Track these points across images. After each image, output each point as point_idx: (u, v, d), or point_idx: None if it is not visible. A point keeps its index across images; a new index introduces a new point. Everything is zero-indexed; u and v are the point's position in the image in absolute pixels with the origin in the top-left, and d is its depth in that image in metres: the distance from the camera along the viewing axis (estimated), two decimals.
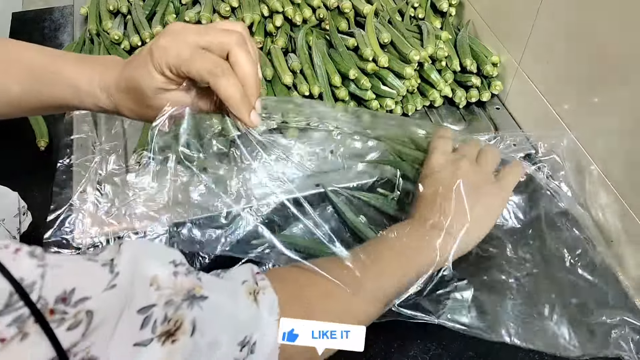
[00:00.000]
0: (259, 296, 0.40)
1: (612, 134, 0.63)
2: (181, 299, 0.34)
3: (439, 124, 0.78)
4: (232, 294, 0.39)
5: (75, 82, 0.50)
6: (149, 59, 0.45)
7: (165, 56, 0.44)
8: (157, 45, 0.45)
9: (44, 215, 0.68)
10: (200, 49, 0.45)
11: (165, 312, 0.32)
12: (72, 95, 0.51)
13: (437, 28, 0.88)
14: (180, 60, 0.44)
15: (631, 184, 0.61)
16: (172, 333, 0.32)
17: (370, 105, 0.80)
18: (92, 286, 0.29)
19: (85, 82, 0.50)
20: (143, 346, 0.31)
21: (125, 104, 0.50)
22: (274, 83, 0.78)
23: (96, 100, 0.50)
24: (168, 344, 0.32)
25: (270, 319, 0.40)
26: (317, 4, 0.87)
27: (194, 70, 0.44)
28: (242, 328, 0.38)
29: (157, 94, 0.47)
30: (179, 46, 0.44)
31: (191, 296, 0.34)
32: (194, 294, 0.35)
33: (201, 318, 0.34)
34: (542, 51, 0.73)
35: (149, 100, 0.47)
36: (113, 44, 0.85)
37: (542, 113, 0.74)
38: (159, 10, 0.88)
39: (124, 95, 0.49)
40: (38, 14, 1.05)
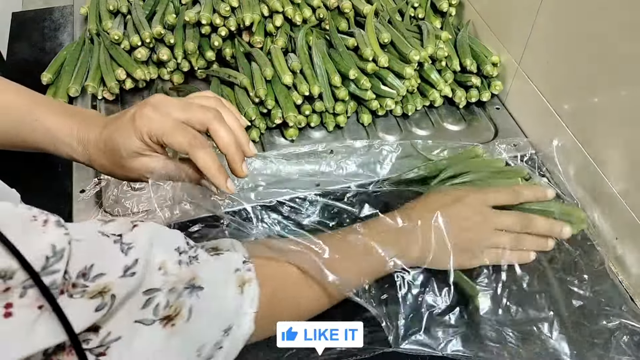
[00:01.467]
0: (245, 288, 0.44)
1: (612, 134, 0.63)
2: (183, 287, 0.38)
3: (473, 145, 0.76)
4: (224, 284, 0.43)
5: (54, 132, 0.52)
6: (132, 124, 0.49)
7: (148, 125, 0.48)
8: (142, 114, 0.48)
9: None
10: (180, 123, 0.49)
11: (168, 298, 0.36)
12: (49, 143, 0.53)
13: (437, 28, 0.88)
14: (162, 131, 0.48)
15: (631, 184, 0.61)
16: (172, 318, 0.36)
17: (370, 105, 0.80)
18: (109, 265, 0.32)
19: (64, 133, 0.52)
20: (144, 324, 0.34)
21: (99, 160, 0.53)
22: (274, 83, 0.78)
23: (72, 151, 0.53)
24: (168, 327, 0.36)
25: (249, 311, 0.44)
26: (317, 4, 0.87)
27: (176, 142, 0.48)
28: (228, 317, 0.42)
29: (132, 157, 0.50)
30: (162, 119, 0.48)
31: (191, 285, 0.39)
32: (193, 283, 0.39)
33: (197, 306, 0.38)
34: (542, 51, 0.73)
35: (123, 160, 0.50)
36: (113, 44, 0.85)
37: (542, 113, 0.74)
38: (159, 10, 0.88)
39: (99, 152, 0.52)
40: (38, 14, 1.05)
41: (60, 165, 0.75)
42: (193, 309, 0.38)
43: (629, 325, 0.56)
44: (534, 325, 0.57)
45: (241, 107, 0.76)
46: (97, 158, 0.52)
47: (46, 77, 0.81)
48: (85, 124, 0.53)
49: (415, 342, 0.55)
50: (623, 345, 0.55)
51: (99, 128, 0.52)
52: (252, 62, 0.81)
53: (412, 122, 0.82)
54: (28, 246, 0.28)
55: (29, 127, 0.53)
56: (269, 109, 0.76)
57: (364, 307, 0.54)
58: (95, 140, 0.52)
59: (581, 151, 0.68)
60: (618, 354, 0.55)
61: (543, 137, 0.74)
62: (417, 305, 0.57)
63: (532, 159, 0.72)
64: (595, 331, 0.56)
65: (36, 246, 0.28)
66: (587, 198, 0.68)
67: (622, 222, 0.63)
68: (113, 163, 0.52)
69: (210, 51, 0.84)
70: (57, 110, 0.54)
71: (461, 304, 0.58)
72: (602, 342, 0.56)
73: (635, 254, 0.62)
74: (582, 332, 0.56)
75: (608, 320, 0.57)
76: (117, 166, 0.52)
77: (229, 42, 0.86)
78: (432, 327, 0.56)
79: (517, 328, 0.57)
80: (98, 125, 0.52)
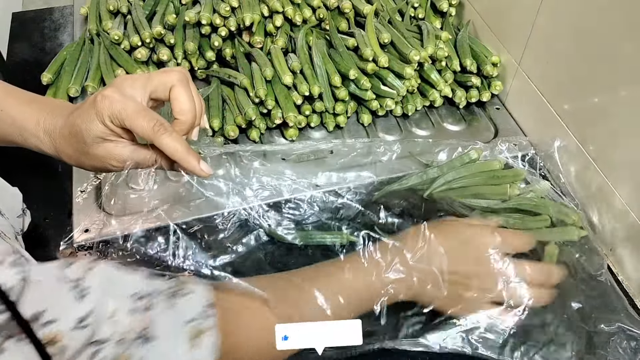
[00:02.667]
0: (202, 337, 0.40)
1: (613, 133, 0.63)
2: (133, 337, 0.36)
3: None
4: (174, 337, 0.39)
5: (21, 122, 0.51)
6: (93, 108, 0.47)
7: (109, 107, 0.46)
8: (103, 94, 0.46)
9: (43, 216, 0.68)
10: (144, 105, 0.47)
11: (116, 350, 0.34)
12: (17, 134, 0.52)
13: (437, 28, 0.88)
14: (124, 114, 0.46)
15: (632, 184, 0.61)
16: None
17: (370, 106, 0.80)
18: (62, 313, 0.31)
19: (31, 124, 0.51)
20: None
21: (65, 150, 0.51)
22: (274, 83, 0.78)
23: (39, 142, 0.52)
24: None
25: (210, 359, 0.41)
26: (317, 4, 0.87)
27: (138, 127, 0.46)
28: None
29: (95, 142, 0.48)
30: (124, 101, 0.46)
31: (142, 335, 0.36)
32: (145, 334, 0.37)
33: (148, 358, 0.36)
34: (542, 51, 0.73)
35: (87, 147, 0.49)
36: (113, 44, 0.85)
37: (542, 113, 0.74)
38: (159, 10, 0.88)
39: (65, 141, 0.50)
40: (38, 14, 1.05)
41: (60, 165, 0.75)
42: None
43: (627, 330, 0.56)
44: (533, 326, 0.57)
45: (241, 107, 0.76)
46: (63, 148, 0.51)
47: (46, 77, 0.81)
48: (52, 113, 0.51)
49: (413, 338, 0.55)
50: (620, 350, 0.55)
51: (64, 116, 0.50)
52: (252, 62, 0.81)
53: (412, 122, 0.82)
54: None
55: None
56: (269, 109, 0.76)
57: None
58: (61, 129, 0.50)
59: (581, 151, 0.68)
60: (615, 358, 0.55)
61: (543, 137, 0.74)
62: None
63: (533, 159, 0.71)
64: (593, 334, 0.56)
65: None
66: (587, 198, 0.68)
67: (622, 222, 0.63)
68: (78, 151, 0.50)
69: (210, 51, 0.84)
70: (24, 100, 0.53)
71: None
72: (600, 345, 0.56)
73: (635, 254, 0.62)
74: (581, 334, 0.56)
75: (607, 324, 0.57)
76: (82, 154, 0.50)
77: (229, 42, 0.86)
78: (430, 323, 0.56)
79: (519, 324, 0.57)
80: (64, 114, 0.51)
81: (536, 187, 0.64)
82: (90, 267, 0.36)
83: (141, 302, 0.38)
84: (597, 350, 0.55)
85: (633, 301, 0.62)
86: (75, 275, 0.35)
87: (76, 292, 0.33)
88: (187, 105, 0.48)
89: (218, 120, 0.76)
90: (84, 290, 0.34)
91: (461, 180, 0.65)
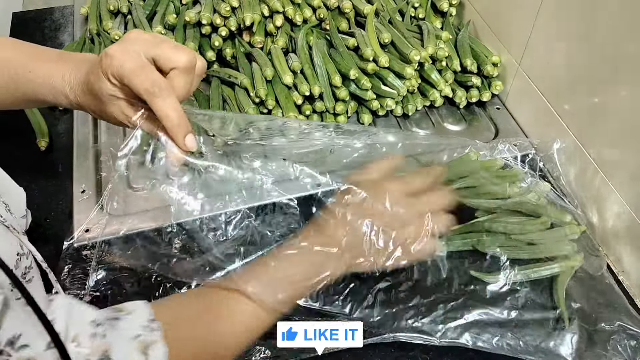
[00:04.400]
0: (149, 351, 0.41)
1: (613, 134, 0.63)
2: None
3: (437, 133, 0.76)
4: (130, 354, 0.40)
5: (49, 80, 0.51)
6: (99, 64, 0.46)
7: (110, 65, 0.45)
8: (106, 52, 0.45)
9: (44, 215, 0.68)
10: (146, 62, 0.45)
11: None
12: (48, 93, 0.52)
13: (437, 28, 0.88)
14: (122, 71, 0.44)
15: (631, 184, 0.61)
16: None
17: (371, 105, 0.80)
18: (34, 338, 0.32)
19: (57, 81, 0.50)
20: None
21: (89, 105, 0.51)
22: (274, 83, 0.78)
23: (67, 99, 0.51)
24: None
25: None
26: (317, 4, 0.87)
27: (133, 85, 0.44)
28: None
29: (111, 101, 0.47)
30: (123, 57, 0.44)
31: (105, 357, 0.37)
32: (107, 355, 0.38)
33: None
34: (542, 51, 0.73)
35: (103, 105, 0.48)
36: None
37: (542, 113, 0.74)
38: (159, 10, 0.88)
39: (86, 97, 0.50)
40: (38, 14, 1.05)
41: (61, 165, 0.75)
42: None
43: (627, 329, 0.56)
44: (534, 322, 0.57)
45: (241, 107, 0.76)
46: (87, 103, 0.50)
47: None
48: (76, 68, 0.50)
49: (413, 330, 0.55)
50: (620, 349, 0.55)
51: (86, 71, 0.49)
52: (253, 62, 0.81)
53: (412, 122, 0.82)
54: None
55: (25, 79, 0.51)
56: (270, 109, 0.76)
57: None
58: (82, 84, 0.49)
59: (582, 151, 0.68)
60: (616, 357, 0.55)
61: (543, 137, 0.74)
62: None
63: (533, 160, 0.71)
64: (593, 333, 0.57)
65: None
66: (587, 198, 0.68)
67: (622, 222, 0.63)
68: (98, 107, 0.49)
69: (210, 51, 0.84)
70: (51, 58, 0.52)
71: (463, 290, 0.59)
72: (601, 344, 0.56)
73: (635, 254, 0.62)
74: (581, 333, 0.56)
75: (607, 322, 0.57)
76: (101, 111, 0.49)
77: (230, 42, 0.86)
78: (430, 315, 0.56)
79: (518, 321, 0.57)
80: (87, 68, 0.49)
81: (536, 189, 0.64)
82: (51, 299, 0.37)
83: (99, 328, 0.39)
84: (597, 349, 0.55)
85: (633, 301, 0.62)
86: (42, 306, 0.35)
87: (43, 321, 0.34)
88: (179, 92, 0.46)
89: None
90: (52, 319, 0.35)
91: (464, 180, 0.65)
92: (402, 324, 0.56)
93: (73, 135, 0.77)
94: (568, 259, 0.60)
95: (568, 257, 0.60)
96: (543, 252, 0.61)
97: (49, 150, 0.77)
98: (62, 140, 0.79)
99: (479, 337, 0.55)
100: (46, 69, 0.51)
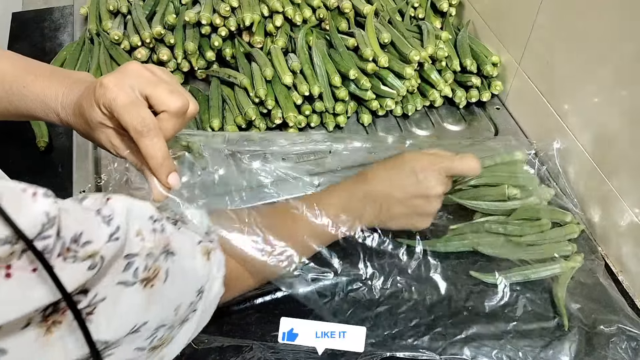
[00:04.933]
0: (211, 255, 0.46)
1: (612, 133, 0.63)
2: (159, 252, 0.40)
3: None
4: (192, 253, 0.45)
5: (42, 98, 0.52)
6: (93, 93, 0.46)
7: (103, 96, 0.46)
8: (101, 82, 0.46)
9: None
10: (138, 100, 0.46)
11: (146, 262, 0.38)
12: (40, 110, 0.53)
13: (437, 28, 0.88)
14: (113, 105, 0.45)
15: (631, 183, 0.61)
16: (150, 279, 0.38)
17: (371, 106, 0.80)
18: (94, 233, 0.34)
19: (50, 98, 0.52)
20: (126, 285, 0.36)
21: (79, 127, 0.52)
22: (274, 83, 0.78)
23: (58, 117, 0.52)
24: (148, 288, 0.38)
25: (218, 275, 0.47)
26: (317, 4, 0.87)
27: (123, 121, 0.45)
28: (199, 279, 0.44)
29: (99, 128, 0.48)
30: (118, 91, 0.45)
31: (166, 251, 0.41)
32: (167, 249, 0.41)
33: (173, 269, 0.40)
34: (542, 51, 0.73)
35: (92, 130, 0.49)
36: (113, 44, 0.85)
37: (542, 113, 0.74)
38: (159, 10, 0.88)
39: (77, 118, 0.51)
40: (38, 14, 1.05)
41: (61, 165, 0.75)
42: (169, 272, 0.40)
43: (627, 330, 0.56)
44: (532, 332, 0.57)
45: (241, 107, 0.76)
46: (77, 124, 0.51)
47: None
48: (70, 88, 0.51)
49: (413, 348, 0.55)
50: (620, 351, 0.55)
51: (79, 93, 0.50)
52: (252, 62, 0.81)
53: (412, 122, 0.82)
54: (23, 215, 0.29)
55: (19, 94, 0.52)
56: (269, 109, 0.76)
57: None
58: (74, 105, 0.50)
59: (581, 151, 0.68)
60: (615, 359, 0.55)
61: (543, 137, 0.74)
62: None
63: (533, 160, 0.71)
64: (593, 335, 0.57)
65: (31, 214, 0.30)
66: (587, 198, 0.68)
67: (622, 221, 0.63)
68: (86, 131, 0.50)
69: (210, 51, 0.84)
70: (46, 75, 0.53)
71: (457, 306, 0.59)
72: (600, 346, 0.56)
73: (635, 254, 0.62)
74: (580, 337, 0.56)
75: (606, 325, 0.57)
76: (89, 135, 0.51)
77: (229, 42, 0.86)
78: (430, 332, 0.56)
79: (518, 329, 0.57)
80: (80, 90, 0.50)
81: (539, 193, 0.64)
82: (107, 198, 0.39)
83: (157, 224, 0.41)
84: (597, 351, 0.55)
85: (633, 301, 0.62)
86: (95, 206, 0.37)
87: (101, 218, 0.36)
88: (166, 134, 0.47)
89: (218, 120, 0.76)
90: (108, 216, 0.36)
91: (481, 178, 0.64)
92: (402, 343, 0.56)
93: (73, 136, 0.77)
94: (568, 260, 0.60)
95: (568, 257, 0.60)
96: (543, 253, 0.61)
97: (48, 150, 0.77)
98: (62, 140, 0.79)
99: (479, 350, 0.55)
100: (40, 86, 0.52)
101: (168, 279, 0.40)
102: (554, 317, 0.58)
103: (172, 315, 0.41)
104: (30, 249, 0.29)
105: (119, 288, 0.36)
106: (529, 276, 0.60)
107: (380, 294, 0.58)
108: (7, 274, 0.29)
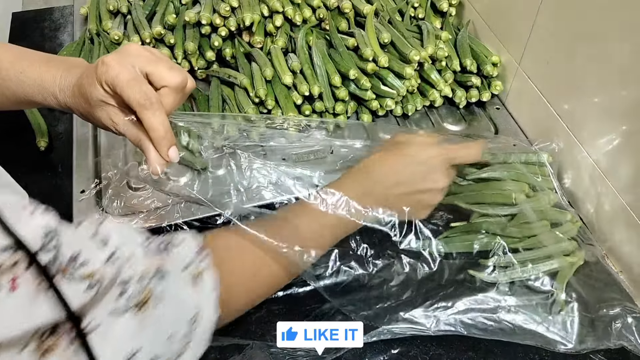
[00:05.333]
0: (202, 277, 0.45)
1: (612, 133, 0.63)
2: (150, 276, 0.40)
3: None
4: (182, 277, 0.43)
5: (39, 82, 0.53)
6: (95, 71, 0.48)
7: (105, 73, 0.47)
8: (103, 60, 0.48)
9: None
10: (140, 76, 0.48)
11: (140, 286, 0.38)
12: (37, 94, 0.54)
13: (437, 28, 0.88)
14: (116, 81, 0.47)
15: (630, 182, 0.61)
16: (142, 303, 0.38)
17: (371, 105, 0.80)
18: (91, 255, 0.35)
19: (48, 82, 0.53)
20: (120, 312, 0.36)
21: (77, 108, 0.53)
22: (274, 83, 0.78)
23: (56, 100, 0.53)
24: (139, 313, 0.38)
25: (211, 296, 0.45)
26: (317, 4, 0.87)
27: (126, 96, 0.47)
28: (190, 309, 0.43)
29: (98, 105, 0.50)
30: (120, 68, 0.47)
31: (157, 274, 0.40)
32: (159, 272, 0.41)
33: (164, 293, 0.40)
34: (542, 51, 0.73)
35: (91, 108, 0.50)
36: (113, 44, 0.85)
37: (542, 113, 0.74)
38: (159, 10, 0.88)
39: (76, 99, 0.52)
40: (38, 14, 1.05)
41: (61, 165, 0.75)
42: (160, 296, 0.40)
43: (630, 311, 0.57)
44: (528, 307, 0.57)
45: (241, 107, 0.76)
46: (76, 105, 0.52)
47: None
48: (67, 71, 0.53)
49: (405, 321, 0.55)
50: (624, 331, 0.55)
51: (77, 75, 0.52)
52: (252, 62, 0.81)
53: (412, 122, 0.82)
54: (24, 225, 0.30)
55: (17, 80, 0.54)
56: (269, 109, 0.76)
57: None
58: (73, 87, 0.52)
59: (581, 151, 0.68)
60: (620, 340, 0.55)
61: (543, 137, 0.74)
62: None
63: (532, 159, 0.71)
64: (595, 319, 0.57)
65: (32, 227, 0.30)
66: (586, 197, 0.68)
67: (620, 220, 0.63)
68: (86, 110, 0.52)
69: (210, 51, 0.84)
70: (42, 60, 0.54)
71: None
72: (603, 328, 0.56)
73: (634, 253, 0.62)
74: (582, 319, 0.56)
75: (608, 307, 0.57)
76: (89, 114, 0.52)
77: (229, 42, 0.86)
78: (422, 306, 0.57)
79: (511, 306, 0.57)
80: (78, 72, 0.52)
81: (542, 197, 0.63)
82: (100, 222, 0.39)
83: (152, 244, 0.42)
84: (599, 333, 0.55)
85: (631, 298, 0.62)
86: (90, 231, 0.38)
87: (97, 241, 0.37)
88: (167, 108, 0.49)
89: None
90: (103, 239, 0.37)
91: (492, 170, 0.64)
92: (394, 316, 0.56)
93: (73, 136, 0.77)
94: (568, 257, 0.60)
95: (568, 254, 0.60)
96: (543, 253, 0.60)
97: (48, 150, 0.77)
98: (62, 140, 0.79)
99: (473, 324, 0.55)
100: (37, 71, 0.53)
101: (160, 304, 0.40)
102: (551, 294, 0.58)
103: (167, 344, 0.40)
104: (34, 262, 0.30)
105: (113, 316, 0.36)
106: (529, 276, 0.60)
107: (372, 267, 0.58)
108: (12, 287, 0.29)
